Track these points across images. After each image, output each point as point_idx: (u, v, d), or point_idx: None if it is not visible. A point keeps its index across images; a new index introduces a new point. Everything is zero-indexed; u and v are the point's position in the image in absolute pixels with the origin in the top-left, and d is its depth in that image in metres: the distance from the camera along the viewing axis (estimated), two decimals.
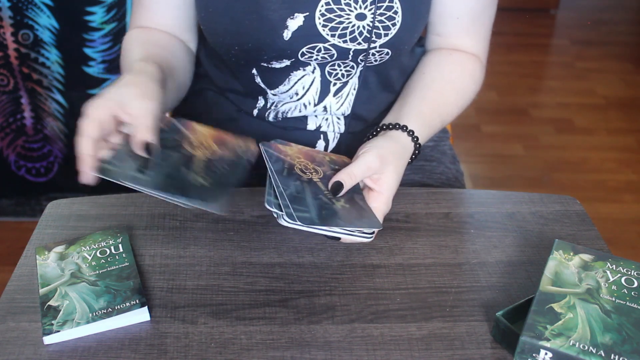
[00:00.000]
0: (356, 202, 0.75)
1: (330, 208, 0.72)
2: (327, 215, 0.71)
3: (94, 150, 0.73)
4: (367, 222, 0.74)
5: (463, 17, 0.93)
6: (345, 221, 0.72)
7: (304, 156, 0.80)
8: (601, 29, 3.44)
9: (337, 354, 0.65)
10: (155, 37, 0.93)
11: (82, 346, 0.65)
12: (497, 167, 2.34)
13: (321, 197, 0.73)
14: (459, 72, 0.94)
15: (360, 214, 0.74)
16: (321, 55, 0.88)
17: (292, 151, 0.80)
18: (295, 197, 0.72)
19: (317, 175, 0.77)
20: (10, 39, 1.75)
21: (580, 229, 0.83)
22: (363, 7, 0.84)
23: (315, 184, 0.75)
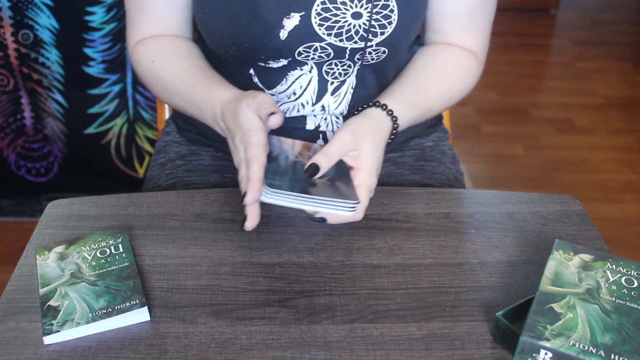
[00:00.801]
0: (338, 182, 0.76)
1: (307, 182, 0.74)
2: (303, 187, 0.73)
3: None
4: (344, 197, 0.73)
5: (460, 15, 0.93)
6: (321, 194, 0.72)
7: (302, 145, 0.82)
8: (601, 29, 3.44)
9: (337, 354, 0.65)
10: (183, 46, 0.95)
11: (82, 346, 0.65)
12: (497, 167, 2.34)
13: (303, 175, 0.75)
14: (452, 63, 0.94)
15: (339, 190, 0.74)
16: (318, 55, 0.88)
17: (294, 144, 0.83)
18: (276, 170, 0.74)
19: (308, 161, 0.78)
20: (10, 39, 1.75)
21: (580, 229, 0.83)
22: (359, 6, 0.84)
23: (302, 165, 0.76)
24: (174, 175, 1.01)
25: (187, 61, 0.93)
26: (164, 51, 0.94)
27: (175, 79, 0.92)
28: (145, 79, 0.96)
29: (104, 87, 1.83)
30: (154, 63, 0.93)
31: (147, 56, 0.94)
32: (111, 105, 1.86)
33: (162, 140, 1.09)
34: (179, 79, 0.91)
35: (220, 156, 1.04)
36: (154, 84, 0.95)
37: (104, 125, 1.90)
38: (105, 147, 1.94)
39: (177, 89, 0.91)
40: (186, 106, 0.91)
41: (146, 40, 0.95)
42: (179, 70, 0.92)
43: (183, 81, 0.90)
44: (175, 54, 0.94)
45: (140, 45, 0.95)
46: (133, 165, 1.98)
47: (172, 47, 0.94)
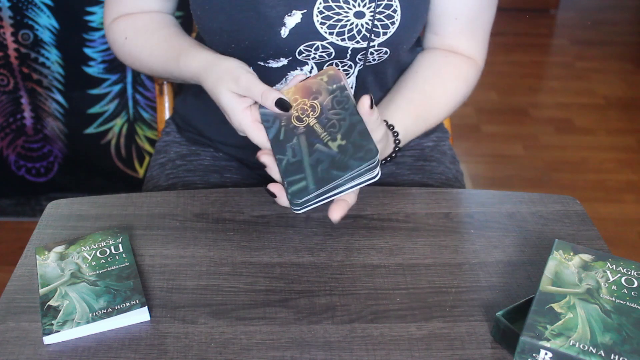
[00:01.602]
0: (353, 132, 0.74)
1: (326, 156, 0.73)
2: (323, 171, 0.72)
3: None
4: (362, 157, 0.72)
5: (461, 18, 0.93)
6: (340, 167, 0.72)
7: (301, 93, 0.79)
8: (601, 29, 3.44)
9: (337, 354, 0.65)
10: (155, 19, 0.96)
11: (82, 346, 0.65)
12: (497, 167, 2.34)
13: (318, 145, 0.74)
14: (452, 74, 0.94)
15: (356, 147, 0.73)
16: (319, 54, 0.87)
17: (289, 94, 0.79)
18: (291, 165, 0.73)
19: (315, 114, 0.76)
20: (10, 39, 1.75)
21: (580, 229, 0.83)
22: (362, 5, 0.84)
23: (312, 130, 0.75)
24: (174, 175, 1.01)
25: (158, 33, 0.93)
26: (136, 26, 0.95)
27: (148, 55, 0.93)
28: (121, 57, 0.98)
29: (104, 87, 1.83)
30: (127, 40, 0.94)
31: (120, 33, 0.95)
32: (111, 105, 1.86)
33: (162, 140, 1.09)
34: (152, 55, 0.92)
35: (220, 156, 1.04)
36: (130, 61, 0.96)
37: (104, 125, 1.90)
38: (105, 147, 1.94)
39: (152, 64, 0.93)
40: (170, 78, 0.94)
41: (120, 18, 0.96)
42: (152, 45, 0.93)
43: (156, 56, 0.92)
44: (147, 27, 0.94)
45: (115, 22, 0.96)
46: (133, 165, 1.98)
47: (144, 21, 0.95)
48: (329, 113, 0.75)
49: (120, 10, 0.96)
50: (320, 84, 0.78)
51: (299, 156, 0.74)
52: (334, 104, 0.76)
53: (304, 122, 0.76)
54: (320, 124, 0.75)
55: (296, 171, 0.73)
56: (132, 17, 0.96)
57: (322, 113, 0.76)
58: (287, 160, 0.73)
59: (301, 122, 0.76)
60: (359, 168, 0.72)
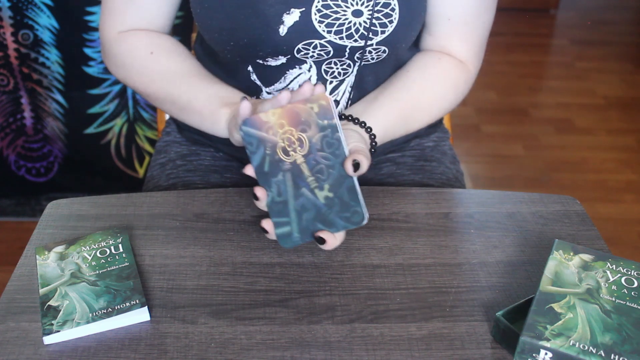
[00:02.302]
0: (342, 186, 0.73)
1: (312, 204, 0.73)
2: (309, 220, 0.73)
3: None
4: (348, 218, 0.73)
5: (455, 18, 0.92)
6: (325, 222, 0.73)
7: (288, 119, 0.72)
8: (601, 29, 3.44)
9: (337, 354, 0.65)
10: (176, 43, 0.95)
11: (82, 346, 0.65)
12: (497, 167, 2.34)
13: (304, 189, 0.73)
14: (441, 78, 0.93)
15: (343, 205, 0.73)
16: (317, 52, 0.88)
17: (275, 117, 0.71)
18: (276, 203, 0.73)
19: (302, 151, 0.72)
20: (10, 39, 1.75)
21: (580, 229, 0.83)
22: (359, 4, 0.84)
23: (299, 170, 0.72)
24: (175, 175, 1.01)
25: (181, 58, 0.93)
26: (161, 45, 0.93)
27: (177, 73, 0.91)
28: (135, 70, 0.93)
29: (104, 87, 1.83)
30: (153, 55, 0.92)
31: (144, 47, 0.92)
32: (111, 105, 1.86)
33: (162, 140, 1.09)
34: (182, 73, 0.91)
35: (220, 156, 1.04)
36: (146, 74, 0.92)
37: (104, 125, 1.90)
38: (105, 147, 1.94)
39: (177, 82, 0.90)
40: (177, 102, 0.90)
41: (137, 32, 0.93)
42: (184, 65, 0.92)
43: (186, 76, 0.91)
44: (173, 48, 0.93)
45: (131, 35, 0.93)
46: (133, 165, 1.98)
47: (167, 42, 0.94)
48: (318, 155, 0.72)
49: (130, 23, 0.93)
50: (310, 113, 0.72)
51: (285, 196, 0.73)
52: (324, 146, 0.72)
53: (290, 157, 0.72)
54: (307, 165, 0.72)
55: (281, 212, 0.73)
56: (152, 34, 0.94)
57: (310, 152, 0.72)
58: (272, 197, 0.72)
59: (287, 157, 0.72)
60: (344, 228, 0.73)
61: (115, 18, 0.94)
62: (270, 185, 0.72)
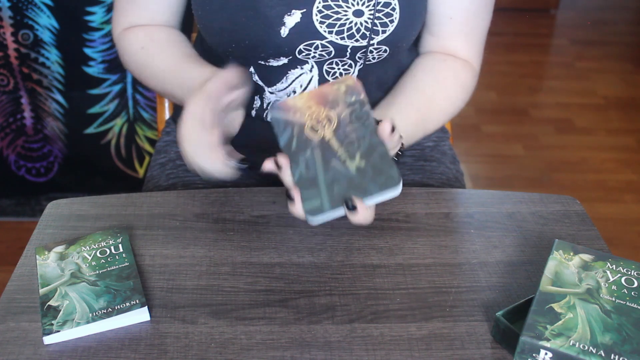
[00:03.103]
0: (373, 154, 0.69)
1: (343, 175, 0.68)
2: (339, 190, 0.68)
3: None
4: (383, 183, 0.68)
5: (456, 17, 0.93)
6: (359, 190, 0.68)
7: (316, 100, 0.72)
8: (601, 29, 3.44)
9: (337, 354, 0.65)
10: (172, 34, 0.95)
11: (82, 346, 0.65)
12: (497, 167, 2.34)
13: (334, 162, 0.69)
14: (451, 79, 0.94)
15: (376, 170, 0.68)
16: (319, 53, 0.88)
17: (302, 101, 0.72)
18: (304, 179, 0.68)
19: (331, 127, 0.70)
20: (10, 39, 1.75)
21: (580, 229, 0.83)
22: (360, 4, 0.84)
23: (328, 145, 0.70)
24: (175, 175, 1.01)
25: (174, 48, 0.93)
26: (153, 38, 0.94)
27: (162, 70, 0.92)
28: (133, 66, 0.96)
29: (104, 87, 1.83)
30: (143, 49, 0.93)
31: (135, 41, 0.94)
32: (111, 105, 1.86)
33: (162, 140, 1.09)
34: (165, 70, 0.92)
35: None
36: (139, 70, 0.95)
37: (104, 125, 1.90)
38: (105, 147, 1.94)
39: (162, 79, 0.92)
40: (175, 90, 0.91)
41: (135, 28, 0.95)
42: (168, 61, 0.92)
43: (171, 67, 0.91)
44: (164, 40, 0.94)
45: (129, 31, 0.95)
46: (133, 165, 1.98)
47: (161, 34, 0.95)
48: (347, 128, 0.70)
49: (131, 20, 0.96)
50: (338, 93, 0.73)
51: (313, 171, 0.69)
52: (353, 119, 0.71)
53: (318, 134, 0.71)
54: (337, 139, 0.70)
55: (310, 186, 0.68)
56: (148, 28, 0.95)
57: (339, 127, 0.71)
58: (300, 173, 0.69)
59: (315, 133, 0.71)
60: (380, 194, 0.68)
61: (119, 16, 0.97)
62: (298, 162, 0.69)
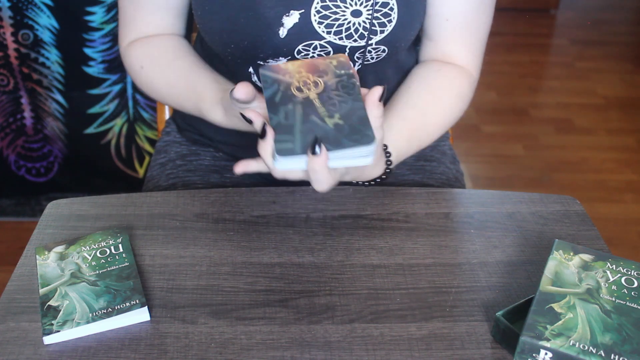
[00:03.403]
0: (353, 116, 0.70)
1: (320, 128, 0.69)
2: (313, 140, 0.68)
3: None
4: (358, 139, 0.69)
5: (453, 20, 0.92)
6: (333, 143, 0.68)
7: (306, 68, 0.74)
8: (601, 29, 3.44)
9: (337, 354, 0.65)
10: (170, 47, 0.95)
11: (82, 346, 0.65)
12: (497, 167, 2.34)
13: (313, 117, 0.70)
14: (446, 89, 0.92)
15: (353, 129, 0.70)
16: (317, 53, 0.88)
17: (294, 67, 0.74)
18: (282, 125, 0.69)
19: (317, 90, 0.72)
20: (10, 39, 1.75)
21: (580, 229, 0.83)
22: (358, 4, 0.84)
23: (311, 103, 0.71)
24: (174, 175, 1.01)
25: (174, 65, 0.93)
26: (152, 55, 0.94)
27: (167, 93, 0.94)
28: (137, 83, 0.98)
29: (104, 87, 1.83)
30: (143, 69, 0.94)
31: (137, 61, 0.95)
32: (111, 105, 1.86)
33: (162, 140, 1.09)
34: (170, 94, 0.93)
35: (220, 156, 1.04)
36: (146, 89, 0.97)
37: (104, 125, 1.90)
38: (105, 147, 1.94)
39: (169, 100, 0.95)
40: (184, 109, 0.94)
41: (136, 43, 0.95)
42: (170, 80, 0.93)
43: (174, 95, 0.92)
44: (163, 57, 0.94)
45: (131, 47, 0.96)
46: (133, 165, 1.98)
47: (160, 49, 0.94)
48: (332, 93, 0.72)
49: (134, 34, 0.95)
50: (329, 65, 0.75)
51: (291, 121, 0.70)
52: (339, 87, 0.73)
53: (303, 94, 0.72)
54: (320, 100, 0.71)
55: (285, 132, 0.69)
56: (147, 43, 0.95)
57: (324, 91, 0.72)
58: (277, 120, 0.69)
59: (301, 93, 0.72)
60: (352, 149, 0.68)
61: (123, 30, 0.97)
62: (278, 111, 0.70)
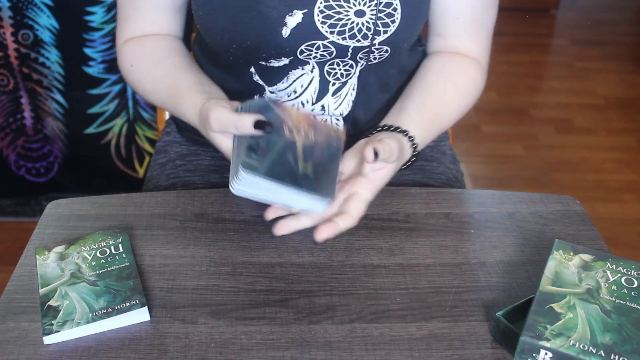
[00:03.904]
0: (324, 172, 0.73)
1: (289, 168, 0.71)
2: (279, 172, 0.70)
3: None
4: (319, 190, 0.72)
5: (463, 17, 0.93)
6: (295, 182, 0.71)
7: (304, 119, 0.77)
8: (601, 29, 3.44)
9: (337, 354, 0.65)
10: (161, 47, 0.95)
11: (82, 346, 0.65)
12: (497, 167, 2.34)
13: (289, 157, 0.72)
14: (460, 76, 0.94)
15: (319, 181, 0.72)
16: (320, 53, 0.88)
17: (294, 112, 0.77)
18: (255, 147, 0.71)
19: (304, 141, 0.74)
20: (10, 39, 1.75)
21: (580, 229, 0.83)
22: (362, 4, 0.84)
23: (294, 146, 0.73)
24: (174, 175, 1.01)
25: (161, 65, 0.93)
26: (142, 54, 0.94)
27: (152, 91, 0.94)
28: (127, 81, 0.98)
29: (104, 87, 1.83)
30: (133, 67, 0.94)
31: (127, 59, 0.95)
32: (111, 105, 1.86)
33: (162, 140, 1.09)
34: (154, 91, 0.93)
35: (220, 156, 1.04)
36: (134, 88, 0.97)
37: (104, 125, 1.90)
38: (105, 147, 1.94)
39: (154, 99, 0.95)
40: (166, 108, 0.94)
41: (130, 42, 0.95)
42: (155, 79, 0.93)
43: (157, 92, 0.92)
44: (153, 57, 0.94)
45: (125, 46, 0.96)
46: (133, 165, 1.98)
47: (151, 49, 0.94)
48: (315, 148, 0.75)
49: (129, 33, 0.96)
50: (325, 128, 0.79)
51: (269, 148, 0.72)
52: (324, 147, 0.76)
53: (291, 136, 0.74)
54: (303, 148, 0.74)
55: (259, 154, 0.71)
56: (140, 42, 0.95)
57: (310, 143, 0.75)
58: (257, 142, 0.71)
59: (290, 134, 0.74)
60: (308, 194, 0.72)
61: (120, 27, 0.97)
62: (262, 136, 0.72)
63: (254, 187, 0.71)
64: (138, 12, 0.94)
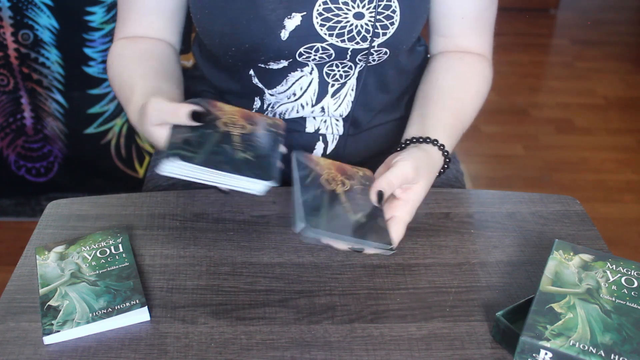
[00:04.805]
0: (374, 219, 0.73)
1: (344, 218, 0.71)
2: (337, 225, 0.70)
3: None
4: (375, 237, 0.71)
5: (467, 16, 0.93)
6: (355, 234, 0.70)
7: (336, 168, 0.78)
8: (601, 29, 3.44)
9: (337, 354, 0.65)
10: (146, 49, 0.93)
11: (82, 346, 0.65)
12: (497, 167, 2.34)
13: (338, 208, 0.72)
14: (471, 74, 0.94)
15: (373, 228, 0.72)
16: (319, 55, 0.87)
17: (325, 163, 0.78)
18: (310, 205, 0.70)
19: (343, 188, 0.75)
20: (10, 39, 1.75)
21: (580, 229, 0.83)
22: (361, 6, 0.84)
23: (337, 196, 0.73)
24: None
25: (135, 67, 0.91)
26: (122, 55, 0.93)
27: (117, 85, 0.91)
28: (108, 78, 0.97)
29: (104, 87, 1.83)
30: (111, 67, 0.93)
31: (110, 57, 0.94)
32: (111, 105, 1.86)
33: None
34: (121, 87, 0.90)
35: None
36: (110, 84, 0.95)
37: (104, 125, 1.90)
38: (105, 147, 1.94)
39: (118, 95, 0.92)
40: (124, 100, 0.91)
41: (119, 42, 0.95)
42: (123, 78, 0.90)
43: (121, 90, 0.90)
44: (129, 59, 0.92)
45: (114, 45, 0.95)
46: (133, 165, 1.98)
47: (132, 51, 0.93)
48: (357, 195, 0.75)
49: (123, 33, 0.95)
50: (356, 173, 0.78)
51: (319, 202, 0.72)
52: (363, 192, 0.75)
53: (331, 186, 0.75)
54: (345, 196, 0.74)
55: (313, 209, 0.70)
56: (127, 43, 0.94)
57: (350, 191, 0.75)
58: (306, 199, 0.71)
59: (329, 185, 0.75)
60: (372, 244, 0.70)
61: (119, 26, 0.97)
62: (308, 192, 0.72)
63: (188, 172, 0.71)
64: (131, 14, 0.94)
